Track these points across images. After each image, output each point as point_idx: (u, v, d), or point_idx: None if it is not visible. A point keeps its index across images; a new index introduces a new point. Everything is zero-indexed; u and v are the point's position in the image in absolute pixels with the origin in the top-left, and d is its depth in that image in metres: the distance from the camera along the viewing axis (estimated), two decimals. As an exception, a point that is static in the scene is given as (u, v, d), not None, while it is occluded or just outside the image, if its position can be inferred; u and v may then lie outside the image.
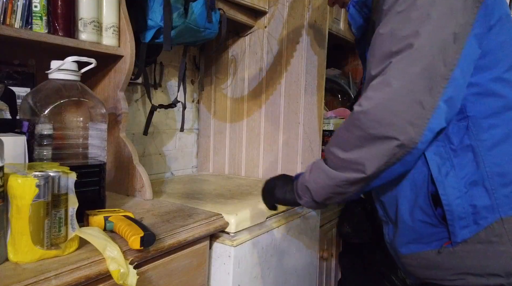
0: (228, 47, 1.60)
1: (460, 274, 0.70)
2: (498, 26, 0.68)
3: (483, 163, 0.68)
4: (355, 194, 0.73)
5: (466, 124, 0.69)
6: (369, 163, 0.66)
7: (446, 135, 0.69)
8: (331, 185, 0.72)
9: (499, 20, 0.68)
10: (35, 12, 0.85)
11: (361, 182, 0.69)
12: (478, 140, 0.68)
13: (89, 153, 0.84)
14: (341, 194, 0.73)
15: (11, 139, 0.72)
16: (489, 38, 0.67)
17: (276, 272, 1.12)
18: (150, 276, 0.77)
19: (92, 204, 0.82)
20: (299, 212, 1.24)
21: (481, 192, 0.68)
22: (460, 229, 0.68)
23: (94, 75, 1.09)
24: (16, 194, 0.60)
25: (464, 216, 0.68)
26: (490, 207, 0.67)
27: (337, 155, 0.70)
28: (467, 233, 0.68)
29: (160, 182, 1.42)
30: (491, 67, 0.68)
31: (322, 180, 0.74)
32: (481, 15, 0.65)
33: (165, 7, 1.13)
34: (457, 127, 0.69)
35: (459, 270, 0.70)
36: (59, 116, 0.77)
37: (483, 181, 0.68)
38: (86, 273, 0.62)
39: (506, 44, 0.69)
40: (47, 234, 0.63)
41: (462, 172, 0.68)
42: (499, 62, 0.68)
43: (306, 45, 1.38)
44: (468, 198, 0.68)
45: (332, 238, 1.55)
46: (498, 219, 0.67)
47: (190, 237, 0.83)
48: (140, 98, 1.47)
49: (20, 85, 1.00)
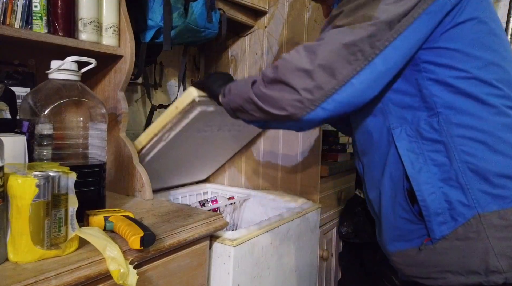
0: (228, 47, 1.60)
1: (440, 272, 0.70)
2: (469, 25, 0.68)
3: (455, 159, 0.68)
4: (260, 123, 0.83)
5: (437, 120, 0.69)
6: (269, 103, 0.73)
7: (417, 131, 0.70)
8: (244, 98, 0.79)
9: (470, 20, 0.68)
10: (35, 12, 0.85)
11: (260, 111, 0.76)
12: (450, 136, 0.68)
13: (89, 152, 0.84)
14: (247, 113, 0.81)
15: (11, 139, 0.72)
16: (456, 34, 0.68)
17: (276, 272, 1.12)
18: (150, 276, 0.77)
19: (92, 204, 0.82)
20: (299, 212, 1.24)
21: (455, 188, 0.68)
22: (437, 225, 0.68)
23: (94, 75, 1.09)
24: (16, 194, 0.60)
25: (441, 212, 0.68)
26: (466, 203, 0.67)
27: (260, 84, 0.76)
28: (445, 229, 0.68)
29: (160, 182, 1.41)
30: (461, 65, 0.68)
31: (241, 90, 0.80)
32: (432, 12, 0.66)
33: (165, 7, 1.13)
34: (428, 123, 0.70)
35: (439, 268, 0.70)
36: (59, 116, 0.77)
37: (456, 177, 0.68)
38: (86, 273, 0.62)
39: (478, 43, 0.69)
40: (47, 234, 0.63)
41: (434, 168, 0.69)
42: (470, 61, 0.68)
43: (306, 45, 1.37)
44: (442, 193, 0.68)
45: (332, 238, 1.56)
46: (475, 215, 0.66)
47: (190, 237, 0.83)
48: (140, 98, 1.47)
49: (20, 85, 1.00)
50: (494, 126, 0.68)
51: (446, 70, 0.68)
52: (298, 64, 0.69)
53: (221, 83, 0.92)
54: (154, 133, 1.08)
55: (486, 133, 0.68)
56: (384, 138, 0.76)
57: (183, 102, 1.02)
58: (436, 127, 0.69)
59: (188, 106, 1.01)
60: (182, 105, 1.02)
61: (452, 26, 0.67)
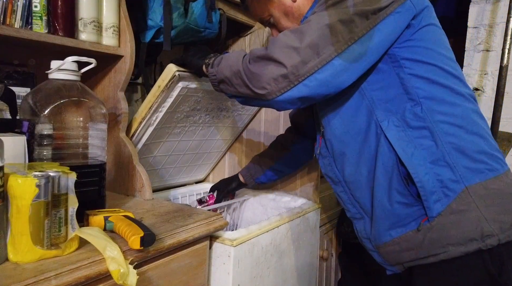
0: (228, 47, 1.60)
1: (441, 247, 0.76)
2: (431, 28, 0.80)
3: (440, 141, 0.76)
4: (241, 98, 0.86)
5: (420, 109, 0.77)
6: (251, 80, 0.78)
7: (404, 121, 0.78)
8: (233, 70, 0.82)
9: (430, 24, 0.80)
10: (35, 12, 0.85)
11: (244, 87, 0.81)
12: (433, 121, 0.77)
13: (89, 152, 0.84)
14: (232, 86, 0.84)
15: (11, 139, 0.72)
16: (424, 35, 0.79)
17: (276, 272, 1.12)
18: (150, 276, 0.77)
19: (92, 204, 0.82)
20: (299, 212, 1.24)
21: (444, 167, 0.76)
22: (433, 203, 0.75)
23: (94, 75, 1.09)
24: (16, 194, 0.60)
25: (435, 190, 0.75)
26: (454, 179, 0.75)
27: (247, 60, 0.80)
28: (440, 206, 0.75)
29: (160, 182, 1.41)
30: (433, 61, 0.79)
31: (232, 62, 0.83)
32: (400, 12, 0.75)
33: (165, 7, 1.13)
34: (412, 112, 0.78)
35: (439, 243, 0.76)
36: (59, 116, 0.77)
37: (443, 157, 0.76)
38: (86, 273, 0.62)
39: (439, 43, 0.81)
40: (47, 234, 0.63)
41: (424, 151, 0.77)
42: (439, 57, 0.79)
43: (306, 45, 1.37)
44: (434, 174, 0.76)
45: (332, 238, 1.56)
46: (463, 189, 0.75)
47: (190, 237, 0.83)
48: (140, 98, 1.47)
49: (20, 85, 1.00)
50: (467, 111, 0.79)
51: (422, 65, 0.78)
52: (288, 42, 0.75)
53: (201, 55, 0.96)
54: (142, 117, 1.08)
55: (462, 118, 0.78)
56: (372, 132, 0.82)
57: (164, 80, 1.02)
58: (420, 115, 0.77)
59: (170, 82, 1.02)
60: (163, 83, 1.02)
61: (419, 28, 0.78)
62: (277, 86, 0.75)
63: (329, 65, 0.73)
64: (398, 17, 0.76)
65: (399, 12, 0.75)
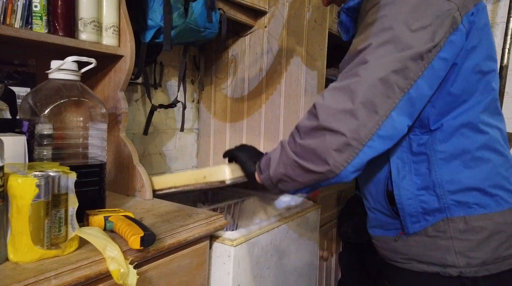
0: (228, 47, 1.60)
1: (408, 259, 0.80)
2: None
3: (434, 171, 0.75)
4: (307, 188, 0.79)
5: (427, 137, 0.75)
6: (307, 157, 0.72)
7: (408, 142, 0.77)
8: (285, 163, 0.77)
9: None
10: (35, 12, 0.85)
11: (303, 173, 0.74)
12: (433, 150, 0.75)
13: (89, 152, 0.84)
14: (291, 180, 0.77)
15: (11, 139, 0.72)
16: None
17: (276, 272, 1.12)
18: (150, 276, 0.77)
19: (92, 204, 0.82)
20: (299, 212, 1.24)
21: (431, 196, 0.75)
22: (411, 224, 0.78)
23: (94, 75, 1.09)
24: (16, 194, 0.60)
25: (415, 214, 0.77)
26: (438, 208, 0.75)
27: (295, 138, 0.75)
28: (417, 227, 0.77)
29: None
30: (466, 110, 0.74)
31: (279, 156, 0.79)
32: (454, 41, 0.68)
33: (165, 7, 1.13)
34: (419, 137, 0.76)
35: (408, 256, 0.80)
36: (59, 116, 0.77)
37: (433, 187, 0.75)
38: (86, 273, 0.62)
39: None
40: (47, 234, 0.63)
41: (416, 177, 0.76)
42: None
43: (306, 45, 1.38)
44: (419, 200, 0.76)
45: (332, 238, 1.55)
46: (444, 218, 0.75)
47: (190, 237, 0.83)
48: (140, 98, 1.47)
49: (20, 85, 1.00)
50: (472, 144, 0.74)
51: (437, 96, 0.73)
52: (338, 106, 0.68)
53: (255, 159, 0.91)
54: (174, 185, 1.08)
55: (463, 151, 0.74)
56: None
57: (213, 177, 1.00)
58: (424, 142, 0.75)
59: (217, 183, 1.00)
60: (211, 179, 1.01)
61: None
62: (341, 157, 0.68)
63: (389, 119, 0.68)
64: (451, 47, 0.69)
65: (452, 42, 0.68)
